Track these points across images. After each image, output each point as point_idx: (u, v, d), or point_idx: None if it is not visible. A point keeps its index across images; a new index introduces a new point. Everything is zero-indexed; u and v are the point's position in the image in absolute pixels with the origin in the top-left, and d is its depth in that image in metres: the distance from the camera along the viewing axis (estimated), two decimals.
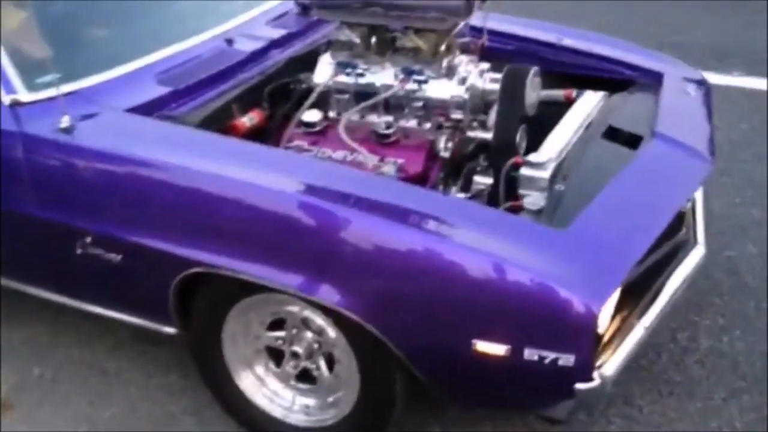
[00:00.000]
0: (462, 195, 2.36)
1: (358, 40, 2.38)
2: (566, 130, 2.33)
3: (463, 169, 2.40)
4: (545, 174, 2.12)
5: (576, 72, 2.77)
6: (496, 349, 1.79)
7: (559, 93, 2.61)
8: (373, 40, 2.37)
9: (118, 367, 2.59)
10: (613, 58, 2.74)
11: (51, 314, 2.69)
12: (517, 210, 2.10)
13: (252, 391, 2.24)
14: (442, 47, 2.32)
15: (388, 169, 2.17)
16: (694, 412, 2.37)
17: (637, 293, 2.07)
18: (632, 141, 2.29)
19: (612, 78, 2.72)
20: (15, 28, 2.36)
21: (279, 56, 2.58)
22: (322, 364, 2.15)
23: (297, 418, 2.24)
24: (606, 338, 1.93)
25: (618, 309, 1.97)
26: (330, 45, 2.45)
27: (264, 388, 2.25)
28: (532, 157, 2.15)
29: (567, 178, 2.11)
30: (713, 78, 3.16)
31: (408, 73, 2.33)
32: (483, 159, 2.39)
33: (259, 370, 2.26)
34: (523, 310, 1.75)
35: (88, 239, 2.13)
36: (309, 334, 2.12)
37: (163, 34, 2.51)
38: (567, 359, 1.76)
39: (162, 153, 2.05)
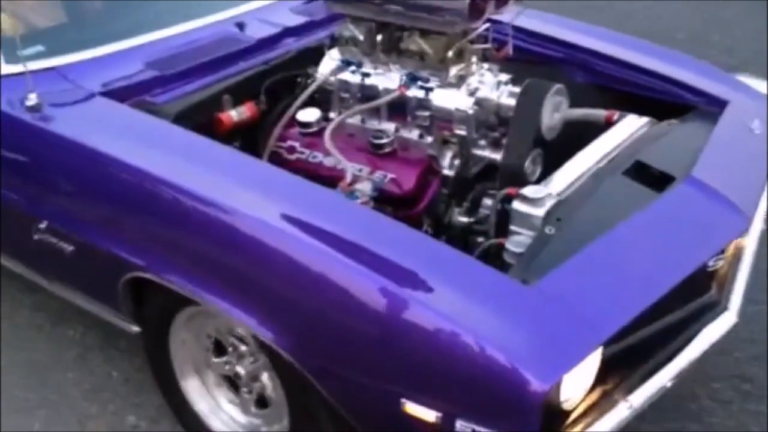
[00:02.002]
0: (464, 219, 2.10)
1: (361, 37, 2.13)
2: (585, 161, 2.02)
3: (471, 190, 2.13)
4: (539, 212, 1.82)
5: (630, 90, 2.43)
6: (426, 415, 1.53)
7: (600, 113, 2.28)
8: (379, 38, 2.12)
9: None
10: (672, 78, 2.38)
11: None
12: (500, 250, 1.82)
13: (195, 398, 2.07)
14: (450, 53, 2.04)
15: (364, 186, 1.93)
16: None
17: (633, 361, 1.76)
18: (662, 181, 1.94)
19: (670, 101, 2.37)
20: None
21: (290, 47, 2.37)
22: (268, 382, 1.95)
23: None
24: (577, 413, 1.64)
25: (603, 378, 1.68)
26: (333, 40, 2.22)
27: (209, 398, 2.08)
28: (528, 191, 1.85)
29: (562, 219, 1.80)
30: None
31: (412, 78, 2.08)
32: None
33: (221, 399, 2.09)
34: (461, 376, 1.48)
35: (42, 226, 2.00)
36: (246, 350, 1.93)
37: (167, 13, 2.34)
38: None
39: (117, 147, 1.88)
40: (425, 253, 1.64)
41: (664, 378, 1.76)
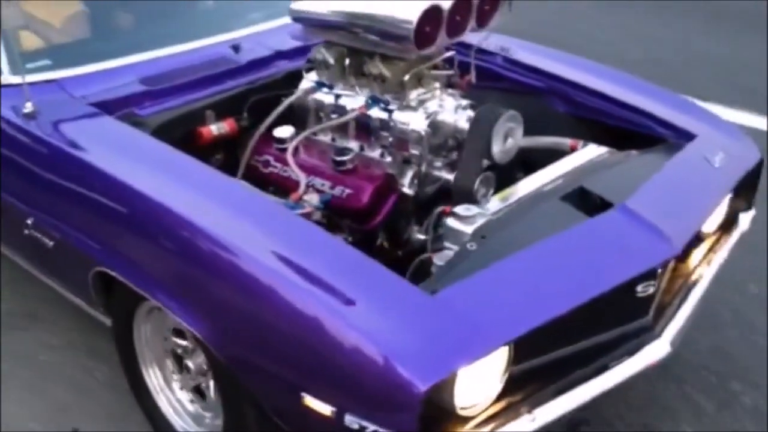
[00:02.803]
0: (422, 237, 2.20)
1: (332, 61, 2.28)
2: (531, 184, 2.11)
3: (432, 208, 2.23)
4: (468, 229, 1.92)
5: (607, 122, 2.49)
6: (322, 408, 1.63)
7: (565, 142, 2.37)
8: (347, 62, 2.26)
9: None
10: (646, 111, 2.43)
11: None
12: (428, 264, 1.92)
13: (156, 391, 2.23)
14: (407, 77, 2.16)
15: (311, 198, 2.06)
16: None
17: (549, 377, 1.82)
18: (599, 208, 2.00)
19: (644, 133, 2.42)
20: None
21: (279, 69, 2.53)
22: (212, 384, 2.08)
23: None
24: (479, 420, 1.71)
25: (515, 390, 1.75)
26: (310, 63, 2.37)
27: (168, 391, 2.23)
28: (459, 209, 1.95)
29: (486, 236, 1.89)
30: None
31: (374, 101, 2.21)
32: None
33: (166, 371, 2.24)
34: (351, 373, 1.58)
35: (30, 221, 2.21)
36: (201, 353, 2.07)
37: (168, 34, 2.54)
38: None
39: (91, 153, 2.06)
40: (340, 260, 1.75)
41: (577, 397, 1.82)
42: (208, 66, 2.46)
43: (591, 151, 2.28)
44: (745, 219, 2.44)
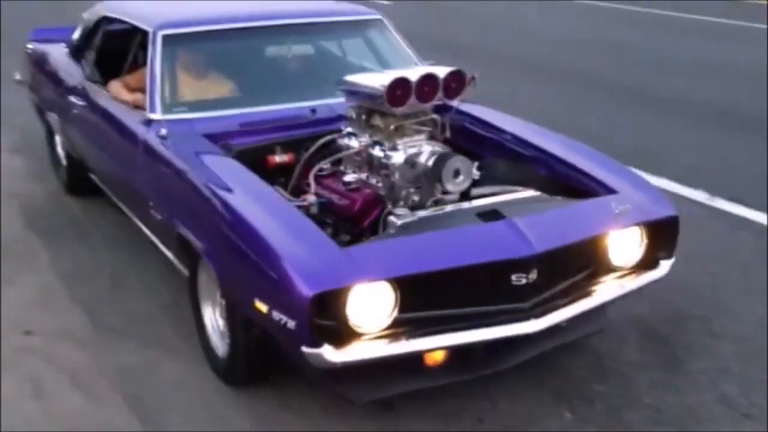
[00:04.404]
0: None
1: (355, 116, 3.32)
2: (464, 205, 3.00)
3: None
4: (398, 222, 2.86)
5: (565, 182, 3.31)
6: (263, 308, 2.61)
7: (515, 189, 3.22)
8: (363, 117, 3.29)
9: None
10: (583, 170, 3.25)
11: None
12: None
13: (205, 316, 3.24)
14: (392, 128, 3.15)
15: (312, 198, 3.09)
16: None
17: (432, 323, 2.67)
18: (497, 220, 2.85)
19: (580, 187, 3.22)
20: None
21: (335, 126, 3.59)
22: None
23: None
24: (369, 336, 2.60)
25: (397, 328, 2.63)
26: (345, 119, 3.42)
27: (212, 316, 3.21)
28: (396, 211, 2.92)
29: (407, 228, 2.81)
30: None
31: (374, 143, 3.21)
32: None
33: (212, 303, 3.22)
34: (277, 284, 2.55)
35: (151, 203, 3.43)
36: None
37: (267, 98, 3.71)
38: (291, 323, 2.51)
39: (189, 163, 3.20)
40: (299, 225, 2.75)
41: (445, 340, 2.65)
42: (289, 119, 3.58)
43: (527, 192, 3.12)
44: (665, 265, 3.12)
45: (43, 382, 3.13)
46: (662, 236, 3.09)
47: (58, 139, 5.03)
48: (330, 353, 2.52)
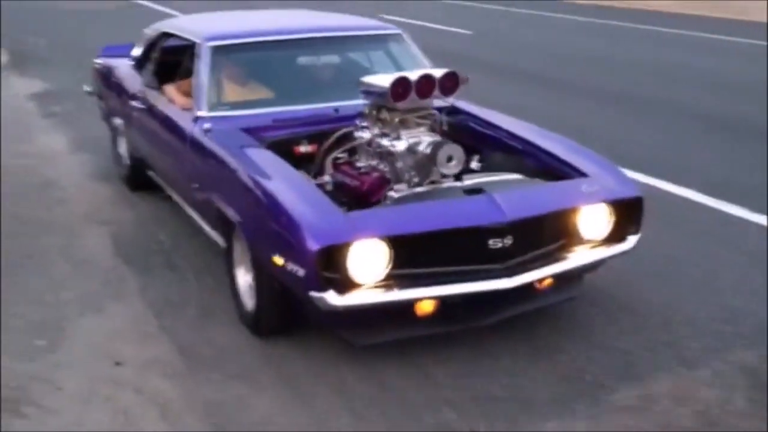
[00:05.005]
0: None
1: (367, 112, 3.89)
2: (456, 183, 3.54)
3: None
4: (395, 196, 3.42)
5: (538, 164, 3.86)
6: (279, 261, 3.19)
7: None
8: (374, 112, 3.86)
9: None
10: (560, 158, 3.77)
11: None
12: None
13: (238, 277, 3.83)
14: (396, 120, 3.71)
15: (328, 178, 3.68)
16: None
17: (420, 279, 3.21)
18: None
19: (558, 172, 3.74)
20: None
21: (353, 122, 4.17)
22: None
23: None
24: (367, 286, 3.15)
25: (390, 281, 3.18)
26: (361, 114, 3.99)
27: (243, 276, 3.79)
28: (395, 187, 3.48)
29: (400, 200, 3.37)
30: None
31: (381, 134, 3.78)
32: None
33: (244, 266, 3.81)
34: (290, 240, 3.14)
35: (195, 185, 4.05)
36: None
37: (297, 98, 4.32)
38: (301, 272, 3.08)
39: (228, 152, 3.81)
40: (311, 194, 3.33)
41: (427, 292, 3.20)
42: (315, 117, 4.18)
43: (511, 176, 3.66)
44: (632, 239, 3.61)
45: (133, 414, 3.14)
46: (629, 214, 3.59)
47: (121, 141, 5.72)
48: (333, 297, 3.08)
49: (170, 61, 5.09)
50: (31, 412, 3.16)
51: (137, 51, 5.55)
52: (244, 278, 3.77)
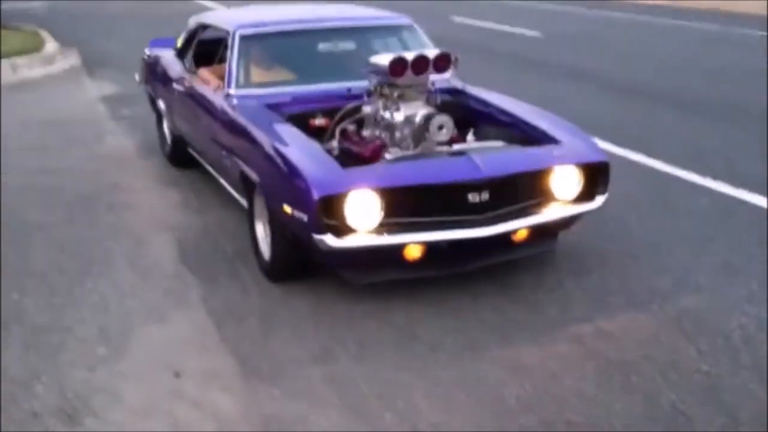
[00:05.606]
0: None
1: (372, 88, 4.45)
2: (444, 148, 4.09)
3: None
4: (389, 156, 3.99)
5: (517, 132, 4.42)
6: (288, 210, 3.77)
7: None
8: (378, 89, 4.42)
9: None
10: (537, 126, 4.32)
11: None
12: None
13: (257, 229, 4.41)
14: (395, 94, 4.26)
15: (335, 144, 4.26)
16: None
17: (408, 226, 3.76)
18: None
19: (535, 140, 4.28)
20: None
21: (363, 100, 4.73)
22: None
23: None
24: (361, 232, 3.71)
25: (382, 228, 3.73)
26: (368, 91, 4.56)
27: (262, 229, 4.38)
28: (391, 150, 4.03)
29: (393, 161, 3.93)
30: None
31: (384, 107, 4.33)
32: None
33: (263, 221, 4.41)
34: (296, 191, 3.72)
35: (224, 153, 4.67)
36: None
37: (315, 78, 4.92)
38: (305, 218, 3.66)
39: (252, 122, 4.41)
40: (317, 154, 3.91)
41: (414, 237, 3.74)
42: (329, 95, 4.77)
43: (493, 143, 4.20)
44: (600, 199, 4.12)
45: (191, 428, 3.11)
46: (597, 177, 4.10)
47: (165, 122, 6.38)
48: (332, 240, 3.66)
49: (206, 48, 5.77)
50: (90, 422, 3.15)
51: (180, 40, 6.22)
52: (261, 231, 4.37)
